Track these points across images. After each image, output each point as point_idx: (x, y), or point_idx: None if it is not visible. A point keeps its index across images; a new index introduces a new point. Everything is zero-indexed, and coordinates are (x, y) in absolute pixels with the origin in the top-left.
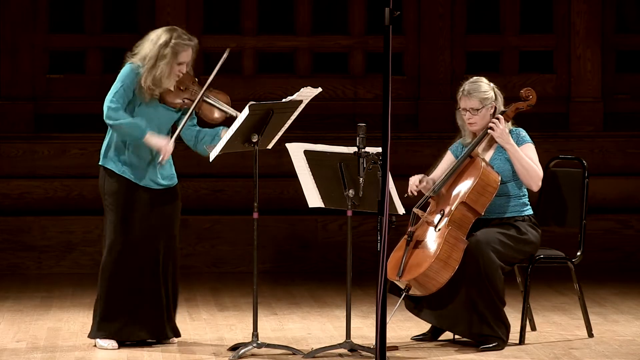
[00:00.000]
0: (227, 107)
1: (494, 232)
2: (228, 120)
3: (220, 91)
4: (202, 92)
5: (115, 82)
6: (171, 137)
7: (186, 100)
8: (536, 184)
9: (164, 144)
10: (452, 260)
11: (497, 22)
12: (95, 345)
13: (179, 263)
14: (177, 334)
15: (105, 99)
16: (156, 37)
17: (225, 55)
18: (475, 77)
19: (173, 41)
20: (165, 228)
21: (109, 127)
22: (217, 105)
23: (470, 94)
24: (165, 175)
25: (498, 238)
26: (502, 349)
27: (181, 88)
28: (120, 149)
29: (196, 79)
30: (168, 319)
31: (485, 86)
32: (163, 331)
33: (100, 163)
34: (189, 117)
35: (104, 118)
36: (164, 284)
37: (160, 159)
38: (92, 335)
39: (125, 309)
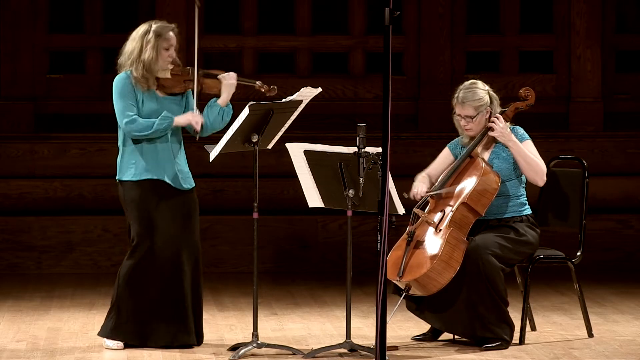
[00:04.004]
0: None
1: (492, 235)
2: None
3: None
4: (195, 65)
5: (114, 99)
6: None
7: (186, 82)
8: (541, 179)
9: (190, 115)
10: (454, 261)
11: (497, 22)
12: (104, 345)
13: (202, 269)
14: (199, 342)
15: (118, 119)
16: (135, 33)
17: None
18: (470, 82)
19: (154, 26)
20: (187, 235)
21: (120, 143)
22: (217, 75)
23: (464, 102)
24: (185, 176)
25: (497, 242)
26: (505, 348)
27: (177, 73)
28: (133, 155)
29: (188, 67)
30: (186, 326)
31: (480, 92)
32: (180, 338)
33: (117, 179)
34: (195, 93)
35: (131, 135)
36: (186, 292)
37: (195, 128)
38: (103, 334)
39: (141, 315)
